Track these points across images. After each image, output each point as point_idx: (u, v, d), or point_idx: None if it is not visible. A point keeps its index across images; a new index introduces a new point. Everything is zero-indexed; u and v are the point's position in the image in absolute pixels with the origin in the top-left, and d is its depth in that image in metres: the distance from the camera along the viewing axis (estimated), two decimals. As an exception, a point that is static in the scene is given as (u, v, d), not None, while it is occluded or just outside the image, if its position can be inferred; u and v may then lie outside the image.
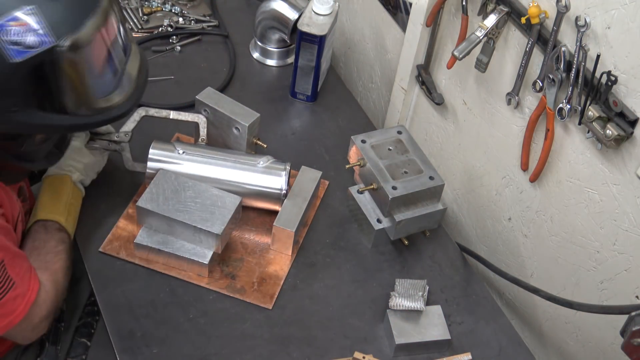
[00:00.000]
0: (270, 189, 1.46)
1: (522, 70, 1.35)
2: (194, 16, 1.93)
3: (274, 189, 1.46)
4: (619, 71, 1.16)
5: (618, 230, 1.27)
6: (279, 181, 1.46)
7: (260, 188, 1.46)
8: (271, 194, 1.46)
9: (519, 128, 1.43)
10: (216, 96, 1.56)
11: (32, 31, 1.05)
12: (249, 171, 1.46)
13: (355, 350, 1.33)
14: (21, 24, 1.04)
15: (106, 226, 1.46)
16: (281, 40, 1.84)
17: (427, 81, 1.64)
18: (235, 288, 1.40)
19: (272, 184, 1.46)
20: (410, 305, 1.36)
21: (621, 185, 1.23)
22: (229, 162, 1.46)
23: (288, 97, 1.79)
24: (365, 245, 1.51)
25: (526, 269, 1.53)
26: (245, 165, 1.47)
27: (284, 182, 1.46)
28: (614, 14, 1.15)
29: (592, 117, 1.20)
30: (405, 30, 1.65)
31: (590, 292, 1.37)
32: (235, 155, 1.49)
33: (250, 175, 1.46)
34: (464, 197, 1.68)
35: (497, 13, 1.35)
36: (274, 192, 1.46)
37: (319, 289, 1.43)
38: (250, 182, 1.46)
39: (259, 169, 1.47)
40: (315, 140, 1.71)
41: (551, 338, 1.51)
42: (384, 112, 1.88)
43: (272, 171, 1.47)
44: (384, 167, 1.46)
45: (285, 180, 1.46)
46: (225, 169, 1.46)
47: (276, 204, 1.48)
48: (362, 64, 1.97)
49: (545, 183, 1.41)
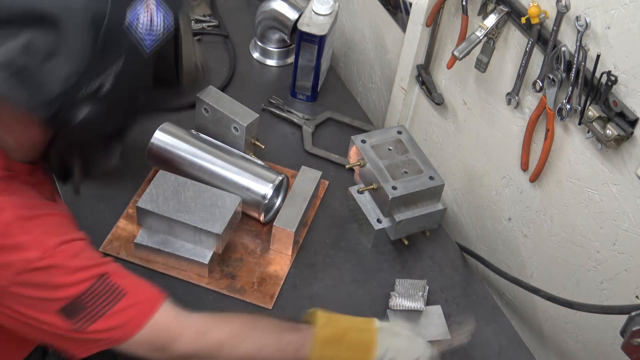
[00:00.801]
0: (254, 194, 1.45)
1: (522, 70, 1.35)
2: (194, 16, 1.93)
3: (258, 194, 1.45)
4: (619, 71, 1.16)
5: (618, 230, 1.27)
6: (264, 188, 1.45)
7: (246, 192, 1.45)
8: (254, 200, 1.45)
9: (519, 128, 1.43)
10: (217, 95, 1.56)
11: (157, 15, 1.00)
12: (240, 172, 1.46)
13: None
14: (147, 10, 0.99)
15: (106, 226, 1.46)
16: (281, 40, 1.84)
17: (427, 81, 1.64)
18: (235, 288, 1.40)
19: (258, 189, 1.45)
20: (410, 305, 1.36)
21: (621, 185, 1.23)
22: (225, 160, 1.48)
23: (288, 97, 1.79)
24: (365, 245, 1.51)
25: (526, 269, 1.53)
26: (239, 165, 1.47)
27: (270, 191, 1.44)
28: (614, 14, 1.15)
29: (592, 117, 1.20)
30: (405, 30, 1.65)
31: (590, 292, 1.37)
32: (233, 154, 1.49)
33: (239, 176, 1.46)
34: (464, 197, 1.68)
35: (497, 13, 1.35)
36: (256, 199, 1.45)
37: (319, 289, 1.43)
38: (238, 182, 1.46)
39: (250, 172, 1.46)
40: (315, 140, 1.71)
41: (551, 338, 1.51)
42: (384, 112, 1.88)
43: (262, 178, 1.46)
44: (384, 167, 1.46)
45: (270, 189, 1.44)
46: (218, 164, 1.47)
47: (255, 210, 1.46)
48: (362, 64, 1.97)
49: (545, 183, 1.41)
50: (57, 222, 1.07)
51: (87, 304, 1.02)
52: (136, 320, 1.06)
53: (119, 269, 1.08)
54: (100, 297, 1.03)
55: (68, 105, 0.96)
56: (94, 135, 1.06)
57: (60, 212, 1.09)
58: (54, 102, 0.95)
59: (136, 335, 1.06)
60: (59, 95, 0.95)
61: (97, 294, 1.03)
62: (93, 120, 1.00)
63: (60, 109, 0.96)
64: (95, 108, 0.98)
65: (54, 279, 1.01)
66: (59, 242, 1.03)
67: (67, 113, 0.97)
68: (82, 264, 1.04)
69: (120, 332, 1.05)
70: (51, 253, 1.01)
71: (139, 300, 1.07)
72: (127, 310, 1.05)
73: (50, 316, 1.02)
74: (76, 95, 0.96)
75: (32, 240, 1.01)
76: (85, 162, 1.13)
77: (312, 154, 1.67)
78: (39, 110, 0.96)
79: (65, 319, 1.02)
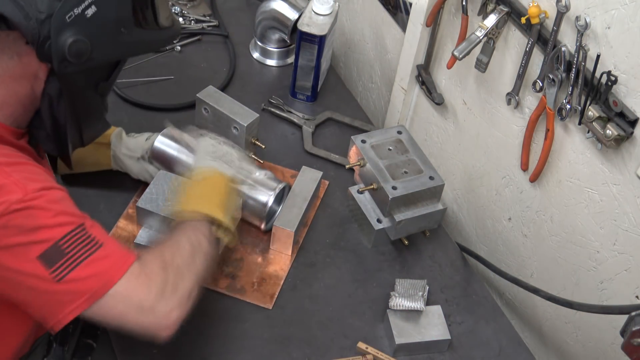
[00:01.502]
0: (255, 202, 1.43)
1: (522, 70, 1.35)
2: (194, 16, 1.93)
3: (259, 202, 1.43)
4: (619, 71, 1.16)
5: (618, 230, 1.27)
6: (265, 196, 1.43)
7: (247, 199, 1.43)
8: (255, 207, 1.44)
9: (519, 128, 1.43)
10: (217, 95, 1.56)
11: None
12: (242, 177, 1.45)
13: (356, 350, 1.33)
14: None
15: (106, 226, 1.45)
16: (281, 40, 1.84)
17: (427, 81, 1.64)
18: (235, 288, 1.40)
19: (259, 197, 1.43)
20: (410, 305, 1.36)
21: (621, 185, 1.23)
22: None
23: (288, 97, 1.79)
24: (365, 245, 1.51)
25: (526, 269, 1.53)
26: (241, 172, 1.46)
27: (271, 199, 1.43)
28: (614, 14, 1.15)
29: (592, 117, 1.20)
30: (405, 30, 1.65)
31: (590, 292, 1.37)
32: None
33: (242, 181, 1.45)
34: (464, 197, 1.68)
35: (497, 13, 1.35)
36: (257, 207, 1.44)
37: (319, 289, 1.43)
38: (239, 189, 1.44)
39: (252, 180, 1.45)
40: (315, 140, 1.71)
41: (551, 338, 1.51)
42: (384, 112, 1.88)
43: (263, 186, 1.44)
44: (384, 167, 1.46)
45: (272, 197, 1.43)
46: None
47: (256, 219, 1.46)
48: (362, 64, 1.97)
49: (545, 183, 1.41)
50: (38, 172, 1.09)
51: (66, 250, 1.03)
52: (113, 270, 1.06)
53: (95, 224, 1.09)
54: (78, 244, 1.04)
55: (57, 28, 1.02)
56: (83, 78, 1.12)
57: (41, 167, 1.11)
58: (45, 24, 1.01)
59: (114, 288, 1.04)
60: (49, 17, 1.01)
61: (75, 240, 1.04)
62: (81, 50, 1.05)
63: (49, 32, 1.02)
64: (83, 33, 1.05)
65: (35, 220, 1.02)
66: (40, 187, 1.04)
67: (57, 39, 1.03)
68: (63, 209, 1.06)
69: (98, 282, 1.04)
70: (32, 196, 1.02)
71: (114, 252, 1.07)
72: (104, 260, 1.05)
73: (31, 264, 1.02)
74: (64, 17, 1.02)
75: (12, 183, 1.02)
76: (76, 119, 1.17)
77: (312, 154, 1.67)
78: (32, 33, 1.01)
79: (45, 266, 1.02)
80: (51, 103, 1.12)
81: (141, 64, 1.78)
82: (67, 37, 1.03)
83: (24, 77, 1.09)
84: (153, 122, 1.52)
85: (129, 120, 1.63)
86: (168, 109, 1.69)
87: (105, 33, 1.08)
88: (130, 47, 1.15)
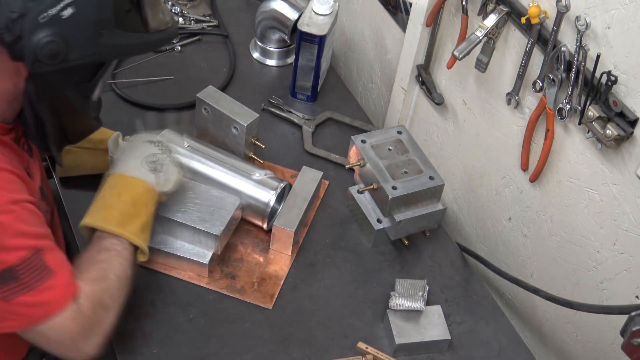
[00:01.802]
0: (257, 202, 1.44)
1: (522, 70, 1.35)
2: (194, 16, 1.93)
3: (261, 202, 1.44)
4: (619, 71, 1.16)
5: (618, 230, 1.27)
6: (267, 196, 1.44)
7: (248, 199, 1.44)
8: (257, 207, 1.44)
9: (519, 128, 1.43)
10: (217, 95, 1.56)
11: None
12: (242, 179, 1.45)
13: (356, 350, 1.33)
14: None
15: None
16: (281, 40, 1.84)
17: (427, 81, 1.64)
18: (235, 288, 1.40)
19: (261, 197, 1.44)
20: (410, 305, 1.36)
21: (621, 185, 1.23)
22: (226, 167, 1.46)
23: (288, 97, 1.79)
24: (365, 245, 1.51)
25: (526, 269, 1.53)
26: (241, 173, 1.46)
27: (273, 198, 1.44)
28: (614, 14, 1.15)
29: (592, 117, 1.20)
30: (405, 30, 1.65)
31: (590, 292, 1.37)
32: (235, 161, 1.48)
33: (242, 183, 1.45)
34: (464, 197, 1.68)
35: (497, 13, 1.35)
36: (259, 206, 1.44)
37: (319, 289, 1.43)
38: (240, 189, 1.45)
39: (252, 180, 1.46)
40: (315, 140, 1.71)
41: (551, 338, 1.51)
42: (384, 112, 1.88)
43: (264, 186, 1.45)
44: (384, 167, 1.46)
45: (274, 197, 1.44)
46: (220, 172, 1.45)
47: (258, 219, 1.46)
48: (362, 64, 1.97)
49: (545, 183, 1.41)
50: (11, 179, 1.09)
51: (20, 274, 1.04)
52: (56, 302, 1.08)
53: (51, 247, 1.10)
54: (32, 272, 1.05)
55: (30, 29, 1.01)
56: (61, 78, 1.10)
57: (12, 168, 1.10)
58: (16, 24, 0.99)
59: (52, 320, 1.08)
60: (21, 17, 1.00)
61: (29, 267, 1.05)
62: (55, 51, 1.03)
63: (22, 32, 1.00)
64: (58, 34, 1.03)
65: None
66: (8, 200, 1.05)
67: (30, 38, 1.01)
68: (26, 230, 1.06)
69: (40, 311, 1.07)
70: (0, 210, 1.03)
71: (61, 283, 1.09)
72: (51, 291, 1.07)
73: None
74: (37, 18, 1.00)
75: None
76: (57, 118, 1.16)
77: (312, 154, 1.67)
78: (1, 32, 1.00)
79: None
80: (31, 101, 1.11)
81: (141, 64, 1.78)
82: (41, 38, 1.01)
83: (5, 72, 1.08)
84: (153, 122, 1.52)
85: (129, 120, 1.63)
86: (168, 109, 1.69)
87: (82, 35, 1.06)
88: (112, 49, 1.12)
